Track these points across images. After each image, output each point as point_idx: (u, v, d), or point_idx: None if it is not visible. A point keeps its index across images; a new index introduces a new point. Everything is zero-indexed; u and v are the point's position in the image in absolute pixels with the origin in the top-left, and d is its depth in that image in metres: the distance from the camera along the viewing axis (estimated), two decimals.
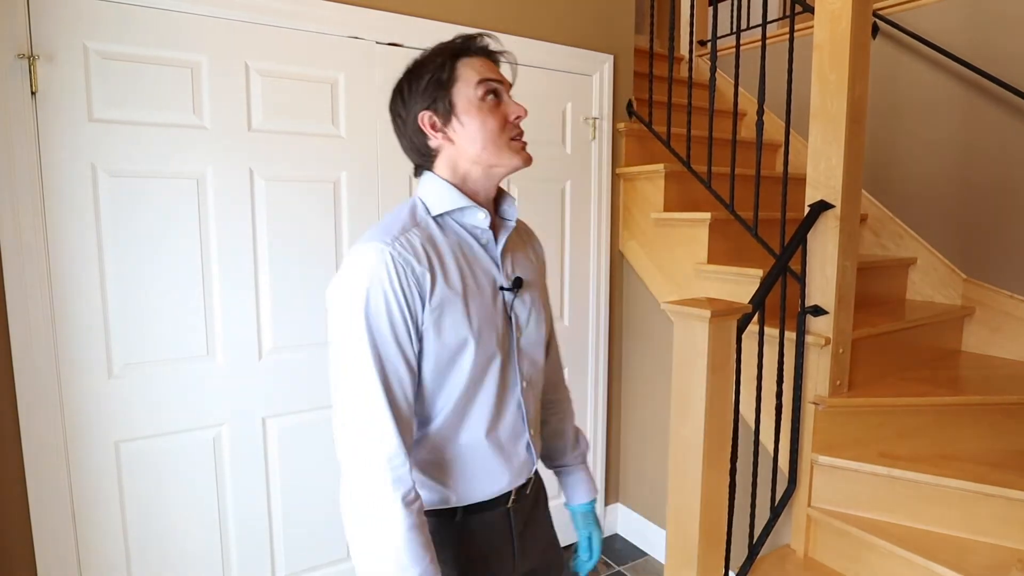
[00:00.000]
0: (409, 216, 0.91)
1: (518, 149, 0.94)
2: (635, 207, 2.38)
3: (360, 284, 0.84)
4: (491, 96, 0.92)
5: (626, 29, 2.39)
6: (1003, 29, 2.25)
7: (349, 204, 1.85)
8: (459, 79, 0.91)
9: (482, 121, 0.91)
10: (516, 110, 0.94)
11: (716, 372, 1.55)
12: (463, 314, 0.90)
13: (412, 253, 0.86)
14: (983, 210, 2.33)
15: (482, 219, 0.95)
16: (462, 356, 0.90)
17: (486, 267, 0.95)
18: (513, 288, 0.97)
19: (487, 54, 0.95)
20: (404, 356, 0.86)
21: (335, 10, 1.77)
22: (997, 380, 1.99)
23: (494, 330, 0.94)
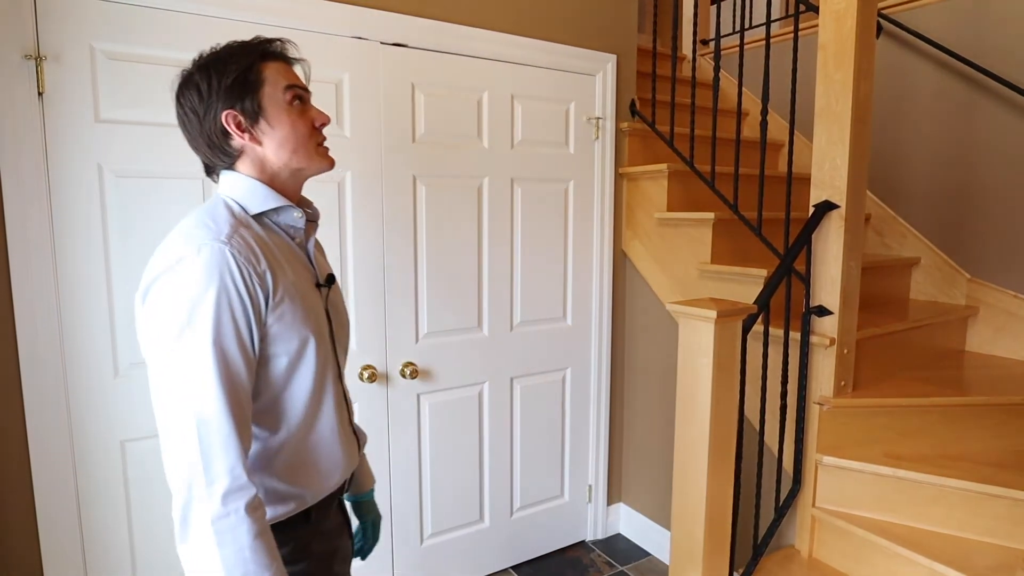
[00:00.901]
0: (229, 214, 0.88)
1: (324, 154, 0.97)
2: (638, 207, 2.38)
3: (201, 287, 0.79)
4: (298, 101, 0.93)
5: (629, 29, 2.39)
6: (1007, 28, 2.25)
7: (353, 204, 1.85)
8: (267, 82, 0.90)
9: (292, 126, 0.92)
10: (321, 117, 0.96)
11: (721, 373, 1.55)
12: (302, 312, 0.90)
13: (250, 251, 0.84)
14: (987, 210, 2.33)
15: (298, 218, 0.96)
16: (307, 354, 0.91)
17: (304, 265, 0.97)
18: (327, 284, 1.02)
19: (287, 60, 0.96)
20: (247, 361, 0.83)
21: (340, 10, 1.77)
22: (1001, 380, 1.99)
23: (322, 326, 0.96)
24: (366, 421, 1.94)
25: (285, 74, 0.93)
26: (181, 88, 0.92)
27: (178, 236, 0.85)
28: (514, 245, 2.18)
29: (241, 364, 0.82)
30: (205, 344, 0.79)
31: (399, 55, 1.89)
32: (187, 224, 0.87)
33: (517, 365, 2.24)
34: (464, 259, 2.08)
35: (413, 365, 1.99)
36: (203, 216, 0.87)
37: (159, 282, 0.81)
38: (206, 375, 0.79)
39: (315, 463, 0.96)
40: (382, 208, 1.90)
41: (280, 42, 0.94)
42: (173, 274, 0.81)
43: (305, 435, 0.94)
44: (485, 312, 2.15)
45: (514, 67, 2.10)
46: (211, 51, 0.92)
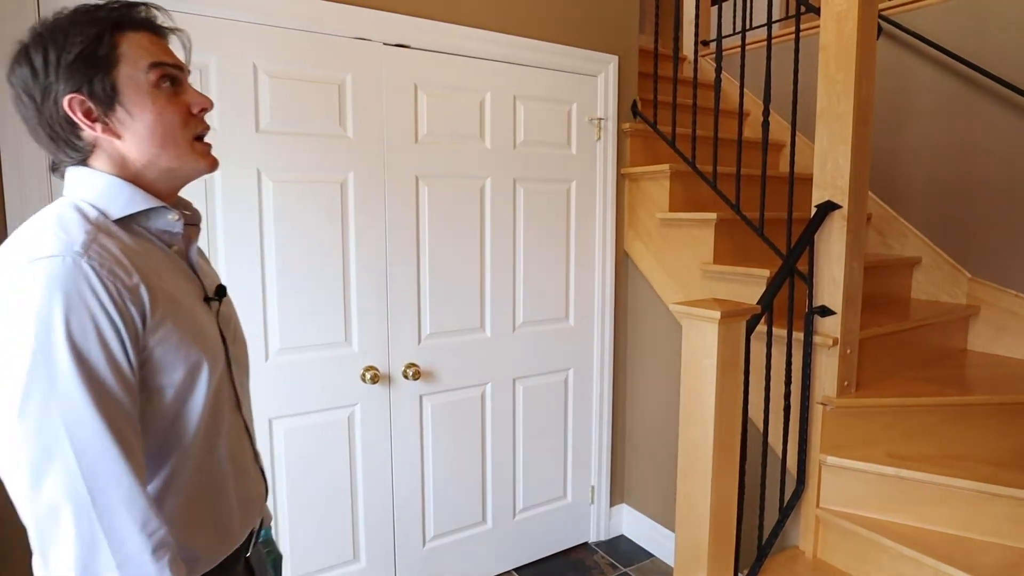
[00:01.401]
0: (82, 220, 0.70)
1: (204, 151, 0.79)
2: (640, 207, 2.38)
3: (53, 312, 0.62)
4: (168, 83, 0.75)
5: (630, 30, 2.39)
6: (1005, 29, 2.26)
7: (356, 204, 1.85)
8: (124, 58, 0.72)
9: (158, 113, 0.73)
10: (200, 100, 0.77)
11: (725, 373, 1.55)
12: (188, 330, 0.74)
13: (117, 264, 0.67)
14: (987, 209, 2.33)
15: (174, 221, 0.78)
16: (197, 383, 0.75)
17: (186, 276, 0.80)
18: (218, 297, 0.85)
19: (155, 29, 0.77)
20: (128, 390, 0.67)
21: (343, 12, 1.77)
22: (1004, 379, 1.99)
23: (214, 344, 0.80)
24: (368, 423, 1.93)
25: (150, 48, 0.74)
26: (12, 64, 0.72)
27: (12, 251, 0.66)
28: (516, 245, 2.18)
29: (122, 395, 0.66)
30: (70, 380, 0.62)
31: (402, 56, 1.89)
32: (25, 235, 0.68)
33: (520, 366, 2.24)
34: (466, 259, 2.08)
35: (416, 366, 1.98)
36: (46, 224, 0.68)
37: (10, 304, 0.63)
38: (81, 416, 0.63)
39: (210, 517, 0.80)
40: (385, 208, 1.90)
41: (144, 7, 0.76)
42: (14, 300, 0.63)
43: (195, 482, 0.78)
44: (487, 313, 2.14)
45: (516, 68, 2.10)
46: (53, 16, 0.72)
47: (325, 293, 1.83)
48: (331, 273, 1.83)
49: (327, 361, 1.85)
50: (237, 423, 0.86)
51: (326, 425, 1.87)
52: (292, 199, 1.76)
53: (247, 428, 0.89)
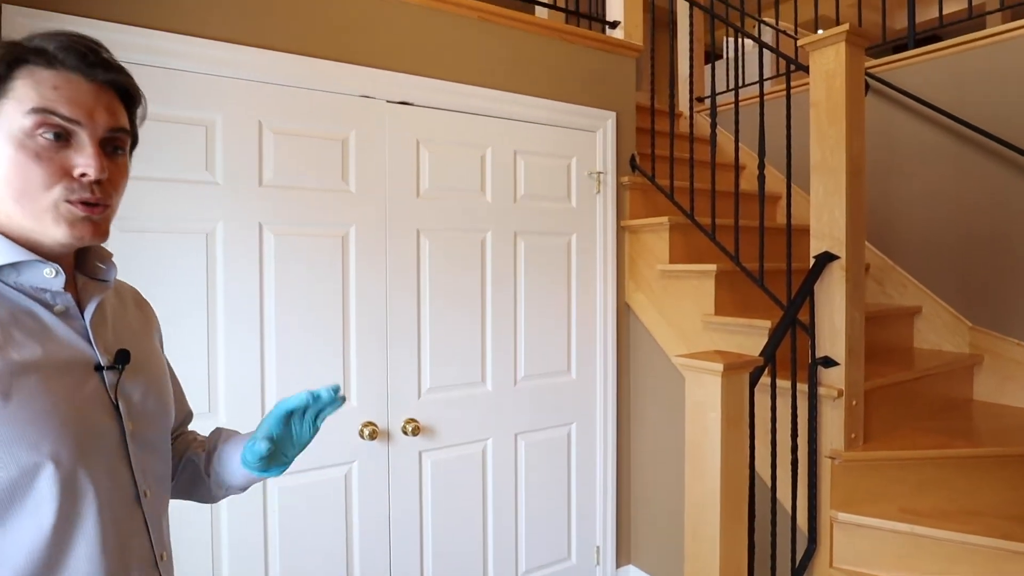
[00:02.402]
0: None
1: (72, 218, 0.64)
2: (641, 259, 2.39)
3: None
4: (47, 135, 0.62)
5: (627, 87, 2.47)
6: (986, 84, 2.33)
7: (357, 256, 1.86)
8: (9, 95, 0.62)
9: (17, 166, 0.61)
10: (86, 162, 0.63)
11: (730, 427, 1.52)
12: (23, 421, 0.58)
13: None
14: (983, 258, 2.35)
15: (50, 276, 0.65)
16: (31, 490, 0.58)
17: (66, 343, 0.66)
18: (117, 364, 0.69)
19: (86, 73, 0.65)
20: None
21: (347, 71, 1.83)
22: (1012, 430, 1.96)
23: (87, 429, 0.64)
24: (366, 482, 1.89)
25: (49, 92, 0.63)
26: None
27: None
28: (517, 298, 2.18)
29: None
30: None
31: (404, 113, 1.94)
32: None
33: (521, 420, 2.20)
34: (467, 313, 2.07)
35: (415, 422, 1.95)
36: None
37: None
38: None
39: None
40: (386, 261, 1.91)
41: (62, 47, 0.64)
42: None
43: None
44: (488, 366, 2.12)
45: (517, 124, 2.16)
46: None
47: (324, 347, 1.82)
48: (331, 327, 1.83)
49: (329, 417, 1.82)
50: (132, 523, 0.68)
51: (323, 484, 1.82)
52: (293, 252, 1.77)
53: (148, 524, 0.70)
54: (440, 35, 2.01)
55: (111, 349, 0.70)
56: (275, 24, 1.73)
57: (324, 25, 1.81)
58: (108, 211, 0.68)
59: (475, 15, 2.07)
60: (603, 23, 2.61)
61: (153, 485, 0.72)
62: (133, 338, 0.76)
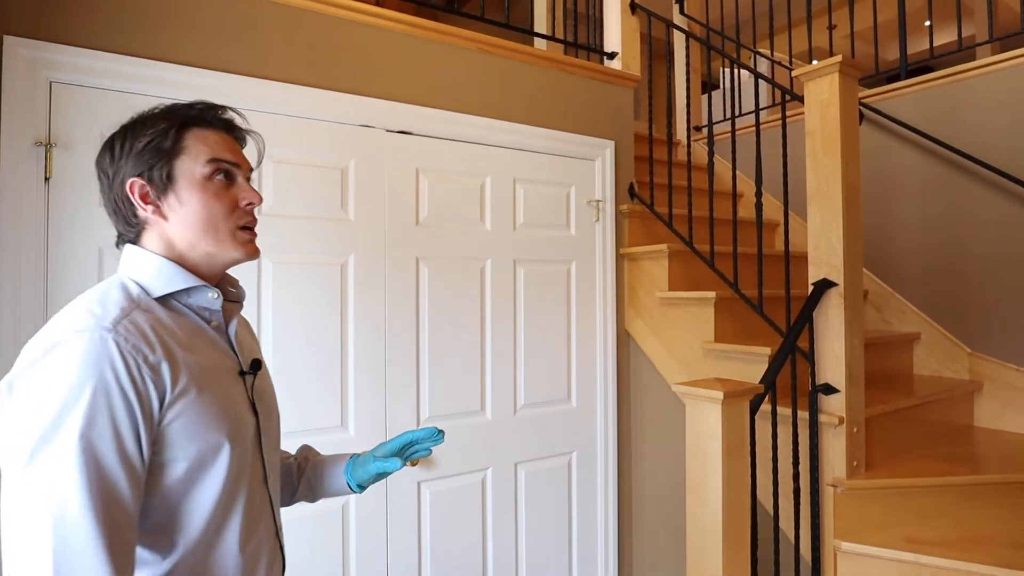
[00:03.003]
0: (123, 296, 0.75)
1: (244, 240, 0.84)
2: (640, 287, 2.40)
3: (75, 381, 0.65)
4: (221, 176, 0.82)
5: (626, 116, 2.50)
6: (977, 113, 2.37)
7: (356, 284, 1.87)
8: (186, 151, 0.80)
9: (204, 203, 0.80)
10: (249, 195, 0.84)
11: (731, 455, 1.52)
12: (212, 409, 0.76)
13: (143, 340, 0.71)
14: (979, 284, 2.36)
15: (213, 299, 0.83)
16: (216, 460, 0.76)
17: (222, 352, 0.84)
18: (252, 371, 0.88)
19: (229, 130, 0.86)
20: (131, 474, 0.68)
21: (347, 101, 1.86)
22: (1013, 457, 1.95)
23: (240, 420, 0.81)
24: (363, 514, 1.86)
25: (214, 145, 0.82)
26: (102, 148, 0.83)
27: (57, 320, 0.72)
28: (517, 326, 2.19)
29: (121, 477, 0.66)
30: (71, 452, 0.64)
31: (404, 142, 1.96)
32: (69, 307, 0.74)
33: (521, 450, 2.18)
34: (467, 340, 2.07)
35: None
36: (89, 299, 0.75)
37: (27, 374, 0.67)
38: (71, 490, 0.63)
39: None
40: (384, 290, 1.92)
41: (219, 108, 0.85)
42: (44, 365, 0.67)
43: (202, 563, 0.76)
44: (488, 395, 2.11)
45: (516, 152, 2.18)
46: (143, 111, 0.83)
47: (322, 375, 1.81)
48: (329, 355, 1.82)
49: (321, 447, 1.79)
50: (262, 497, 0.86)
51: (319, 516, 1.80)
52: (291, 280, 1.77)
53: (271, 502, 0.89)
54: (440, 66, 2.05)
55: (247, 359, 0.89)
56: (275, 54, 1.76)
57: (325, 55, 1.84)
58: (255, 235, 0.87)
59: (475, 46, 2.11)
60: (601, 54, 2.66)
61: (272, 471, 0.89)
62: (252, 350, 0.94)
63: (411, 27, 1.98)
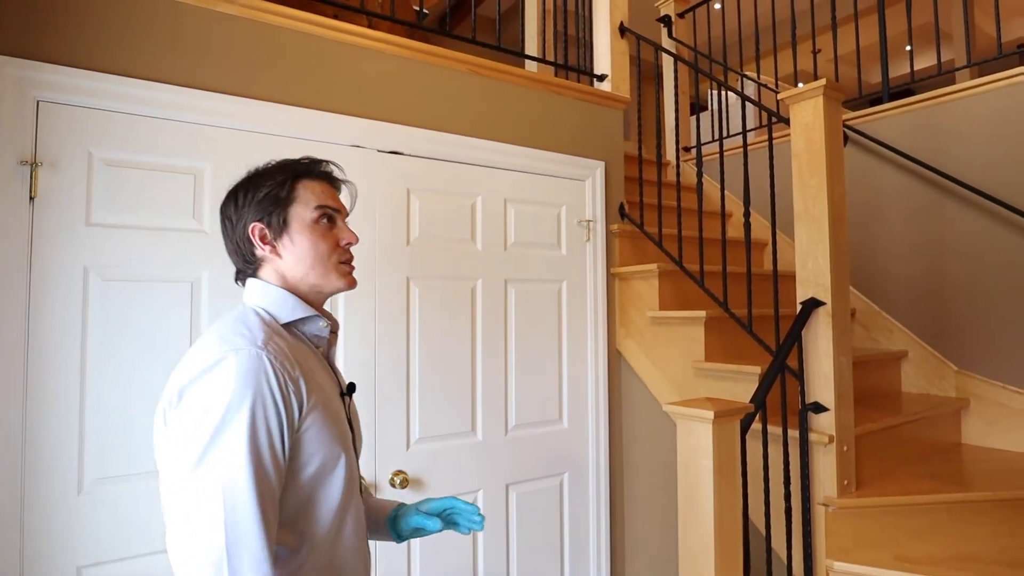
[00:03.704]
0: (260, 322, 0.90)
1: (344, 273, 1.01)
2: (631, 306, 2.41)
3: (239, 390, 0.80)
4: (325, 220, 0.99)
5: (616, 137, 2.53)
6: (957, 135, 2.43)
7: (346, 304, 1.86)
8: (297, 199, 0.97)
9: (313, 243, 0.96)
10: (348, 236, 1.01)
11: (722, 475, 1.52)
12: (331, 423, 0.91)
13: (285, 357, 0.86)
14: (963, 303, 2.39)
15: (324, 327, 0.99)
16: (337, 466, 0.90)
17: (328, 374, 0.99)
18: (349, 393, 1.04)
19: (330, 180, 1.03)
20: (277, 468, 0.83)
21: (338, 121, 1.86)
22: (1001, 474, 1.96)
23: (346, 433, 0.95)
24: None
25: (319, 194, 0.99)
26: (226, 197, 1.00)
27: (212, 340, 0.86)
28: (508, 347, 2.18)
29: (271, 469, 0.82)
30: (240, 447, 0.79)
31: (395, 162, 1.97)
32: (220, 329, 0.89)
33: (512, 471, 2.17)
34: (457, 361, 2.06)
35: (403, 474, 1.91)
36: (236, 322, 0.89)
37: (195, 384, 0.82)
38: (239, 476, 0.78)
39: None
40: (375, 310, 1.91)
41: (323, 163, 1.01)
42: (211, 376, 0.81)
43: (328, 556, 0.90)
44: (479, 415, 2.10)
45: (507, 173, 2.20)
46: (260, 166, 1.01)
47: None
48: None
49: None
50: (360, 507, 0.99)
51: None
52: None
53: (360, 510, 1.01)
54: (432, 87, 2.07)
55: (343, 382, 1.04)
56: (266, 75, 1.77)
57: (316, 76, 1.85)
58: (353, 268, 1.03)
59: (466, 68, 2.14)
60: (591, 76, 2.70)
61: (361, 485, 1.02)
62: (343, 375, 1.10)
63: (403, 49, 2.00)
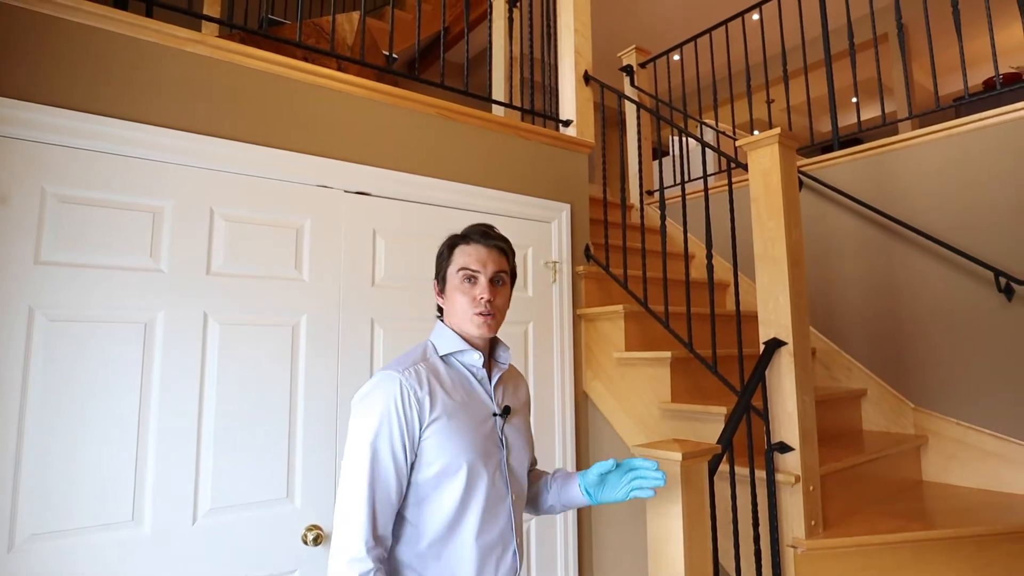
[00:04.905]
0: (420, 353, 1.18)
1: (479, 323, 1.19)
2: (597, 347, 2.42)
3: (375, 402, 1.09)
4: (467, 280, 1.20)
5: (581, 180, 2.58)
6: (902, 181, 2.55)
7: (307, 347, 1.81)
8: (452, 262, 1.22)
9: (457, 298, 1.20)
10: (481, 292, 1.20)
11: (692, 518, 1.49)
12: (458, 432, 1.12)
13: (417, 381, 1.12)
14: (918, 342, 2.47)
15: (476, 359, 1.21)
16: (456, 468, 1.10)
17: (482, 397, 1.20)
18: (502, 415, 1.21)
19: (484, 242, 1.24)
20: (396, 467, 1.07)
21: (305, 161, 1.85)
22: (962, 511, 1.99)
23: (485, 449, 1.15)
24: None
25: (466, 257, 1.21)
26: None
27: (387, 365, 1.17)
28: None
29: (390, 462, 1.07)
30: (365, 442, 1.07)
31: (362, 203, 1.96)
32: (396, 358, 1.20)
33: None
34: None
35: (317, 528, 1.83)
36: (405, 352, 1.21)
37: (365, 395, 1.12)
38: (359, 465, 1.06)
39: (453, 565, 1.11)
40: (338, 352, 1.86)
41: (474, 232, 1.24)
42: (371, 392, 1.11)
43: (447, 537, 1.11)
44: None
45: (474, 215, 2.21)
46: None
47: (268, 443, 1.71)
48: (276, 421, 1.74)
49: (264, 521, 1.69)
50: (501, 508, 1.17)
51: None
52: (239, 343, 1.70)
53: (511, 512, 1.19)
54: (400, 129, 2.09)
55: (501, 405, 1.24)
56: (234, 115, 1.76)
57: (284, 117, 1.85)
58: (496, 317, 1.21)
59: (435, 111, 2.16)
60: (557, 121, 2.76)
61: (516, 493, 1.22)
62: (514, 401, 1.29)
63: (372, 92, 2.02)
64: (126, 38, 1.61)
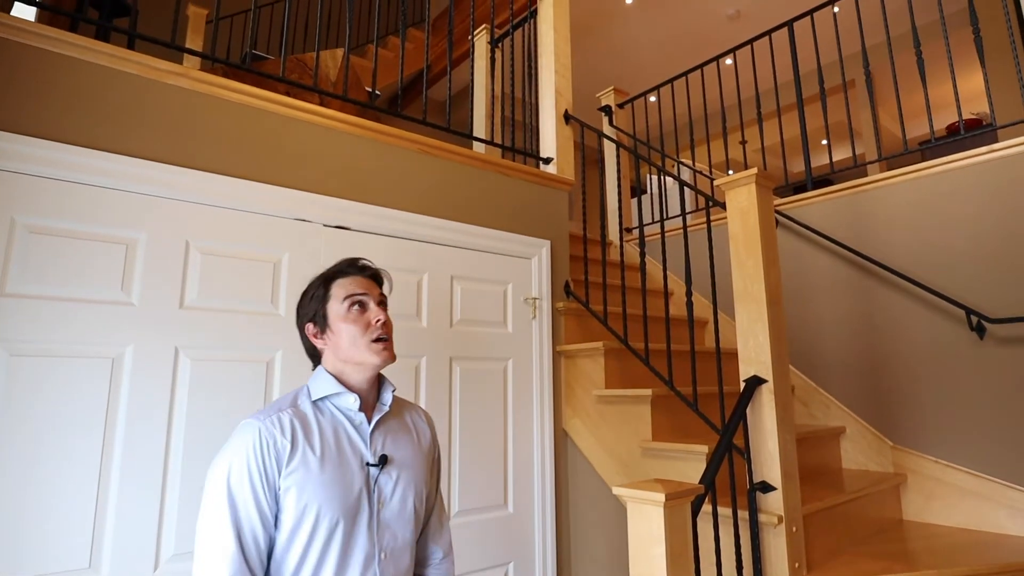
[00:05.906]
0: (291, 399, 1.12)
1: (378, 349, 1.14)
2: (577, 385, 2.39)
3: (228, 455, 1.02)
4: (356, 307, 1.15)
5: (561, 217, 2.60)
6: (873, 220, 2.61)
7: (283, 382, 1.76)
8: (331, 297, 1.16)
9: (346, 328, 1.14)
10: (377, 315, 1.15)
11: (675, 561, 1.46)
12: (320, 483, 1.04)
13: (280, 429, 1.05)
14: (895, 379, 2.49)
15: (352, 403, 1.13)
16: (309, 518, 1.03)
17: (355, 444, 1.12)
18: (378, 464, 1.12)
19: (359, 273, 1.20)
20: (260, 514, 1.01)
21: (283, 195, 1.83)
22: (943, 551, 1.98)
23: (349, 500, 1.07)
24: None
25: (348, 287, 1.16)
26: None
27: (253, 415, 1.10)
28: (452, 427, 2.10)
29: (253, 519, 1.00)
30: (222, 503, 0.99)
31: (341, 237, 1.94)
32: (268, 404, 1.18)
33: (456, 562, 2.04)
34: None
35: None
36: (277, 399, 1.15)
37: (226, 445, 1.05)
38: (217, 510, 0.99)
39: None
40: None
41: (351, 262, 1.20)
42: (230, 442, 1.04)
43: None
44: None
45: (454, 250, 2.20)
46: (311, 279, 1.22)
47: None
48: None
49: None
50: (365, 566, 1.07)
51: None
52: (211, 379, 1.65)
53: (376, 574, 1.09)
54: (380, 164, 2.08)
55: (378, 452, 1.14)
56: (212, 147, 1.74)
57: (263, 150, 1.84)
58: (391, 343, 1.16)
59: (416, 147, 2.17)
60: (537, 159, 2.79)
61: (385, 551, 1.11)
62: (401, 448, 1.18)
63: (354, 127, 2.03)
64: (107, 69, 1.60)
